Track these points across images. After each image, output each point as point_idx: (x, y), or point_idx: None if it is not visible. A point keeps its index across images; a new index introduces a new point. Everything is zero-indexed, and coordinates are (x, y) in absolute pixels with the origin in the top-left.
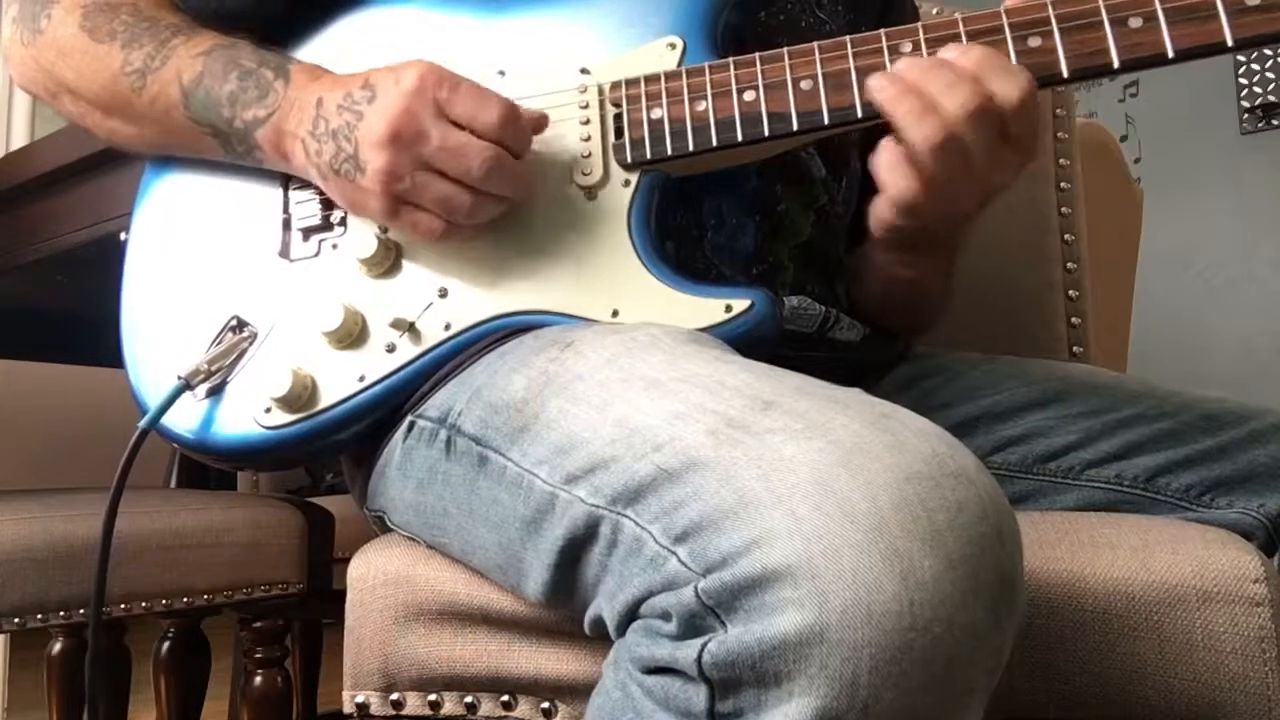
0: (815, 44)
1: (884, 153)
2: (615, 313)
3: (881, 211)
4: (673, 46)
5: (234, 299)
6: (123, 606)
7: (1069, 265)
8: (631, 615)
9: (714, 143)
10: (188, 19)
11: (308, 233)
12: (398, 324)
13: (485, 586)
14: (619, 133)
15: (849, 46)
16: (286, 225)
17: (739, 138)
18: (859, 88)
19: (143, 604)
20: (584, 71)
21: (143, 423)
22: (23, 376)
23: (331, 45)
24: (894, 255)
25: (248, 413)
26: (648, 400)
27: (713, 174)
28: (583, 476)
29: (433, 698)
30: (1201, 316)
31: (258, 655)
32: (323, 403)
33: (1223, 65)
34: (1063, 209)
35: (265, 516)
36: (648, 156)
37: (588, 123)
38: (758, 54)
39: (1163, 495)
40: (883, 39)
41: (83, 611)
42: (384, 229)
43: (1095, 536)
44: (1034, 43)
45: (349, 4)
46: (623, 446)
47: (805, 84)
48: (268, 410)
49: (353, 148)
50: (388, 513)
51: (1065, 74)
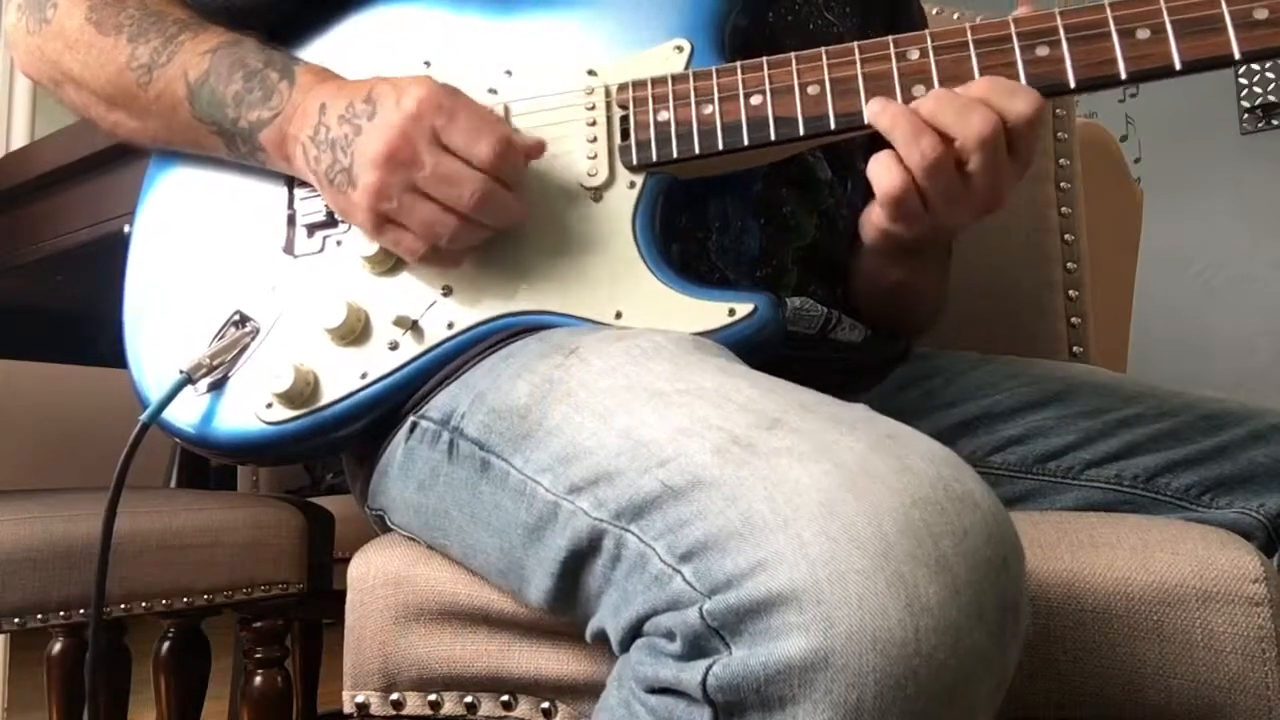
0: (823, 49)
1: (875, 159)
2: (619, 314)
3: (874, 215)
4: (680, 49)
5: (237, 293)
6: (123, 606)
7: (1069, 265)
8: (635, 632)
9: (720, 146)
10: (194, 14)
11: (312, 229)
12: (401, 321)
13: (485, 587)
14: (625, 134)
15: (857, 52)
16: (291, 221)
17: (745, 142)
18: (865, 93)
19: (143, 604)
20: (591, 73)
21: (144, 416)
22: (23, 376)
23: (339, 43)
24: (885, 258)
25: (249, 408)
26: (652, 413)
27: (718, 176)
28: (586, 488)
29: (433, 698)
30: (1201, 316)
31: (258, 655)
32: (324, 399)
33: None
34: (1062, 209)
35: (265, 516)
36: (653, 159)
37: (594, 124)
38: (765, 58)
39: (1163, 495)
40: (890, 45)
41: (83, 611)
42: None
43: (1095, 536)
44: (1042, 52)
45: (358, 2)
46: (627, 460)
47: (812, 89)
48: (269, 405)
49: (348, 160)
50: (388, 512)
51: (1072, 84)
